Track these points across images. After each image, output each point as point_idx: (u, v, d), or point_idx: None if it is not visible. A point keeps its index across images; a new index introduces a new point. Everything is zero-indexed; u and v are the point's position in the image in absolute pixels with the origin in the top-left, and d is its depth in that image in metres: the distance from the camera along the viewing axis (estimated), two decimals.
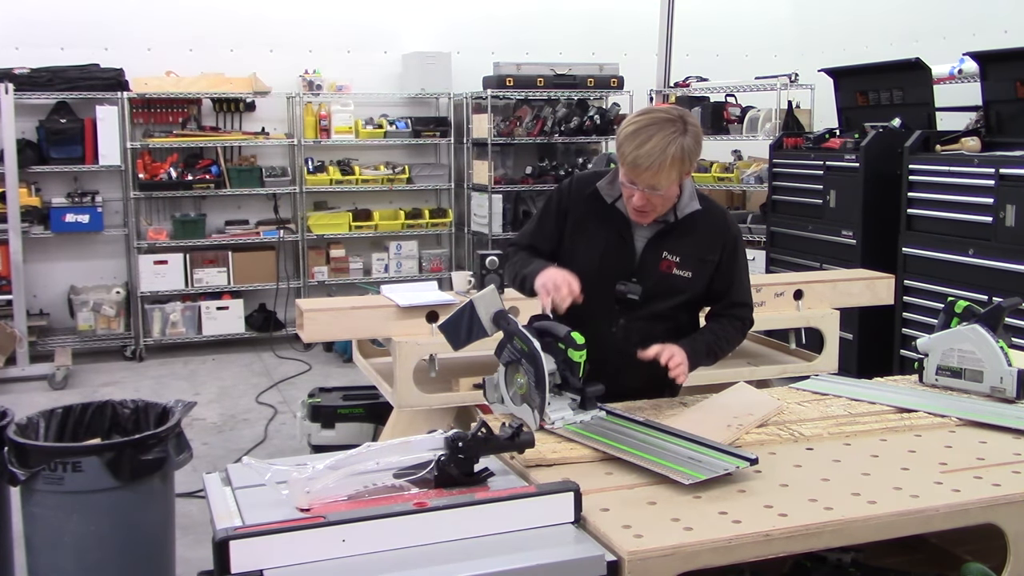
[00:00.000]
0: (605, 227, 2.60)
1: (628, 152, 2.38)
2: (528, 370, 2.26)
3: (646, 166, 2.36)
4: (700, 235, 2.59)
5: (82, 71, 6.99)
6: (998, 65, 5.30)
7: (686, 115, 2.43)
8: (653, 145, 2.35)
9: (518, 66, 7.73)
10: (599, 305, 2.55)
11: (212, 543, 1.55)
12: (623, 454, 2.07)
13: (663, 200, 2.48)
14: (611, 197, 2.60)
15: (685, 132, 2.38)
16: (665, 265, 2.57)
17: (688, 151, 2.38)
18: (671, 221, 2.57)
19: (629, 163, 2.39)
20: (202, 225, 7.39)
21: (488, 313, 2.38)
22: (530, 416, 2.26)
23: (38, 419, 3.12)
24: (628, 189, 2.47)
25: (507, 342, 2.34)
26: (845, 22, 8.03)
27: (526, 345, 2.26)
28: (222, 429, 5.55)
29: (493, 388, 2.41)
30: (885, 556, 2.14)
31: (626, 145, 2.39)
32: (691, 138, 2.39)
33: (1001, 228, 4.77)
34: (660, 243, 2.58)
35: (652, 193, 2.43)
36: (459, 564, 1.59)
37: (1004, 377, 2.53)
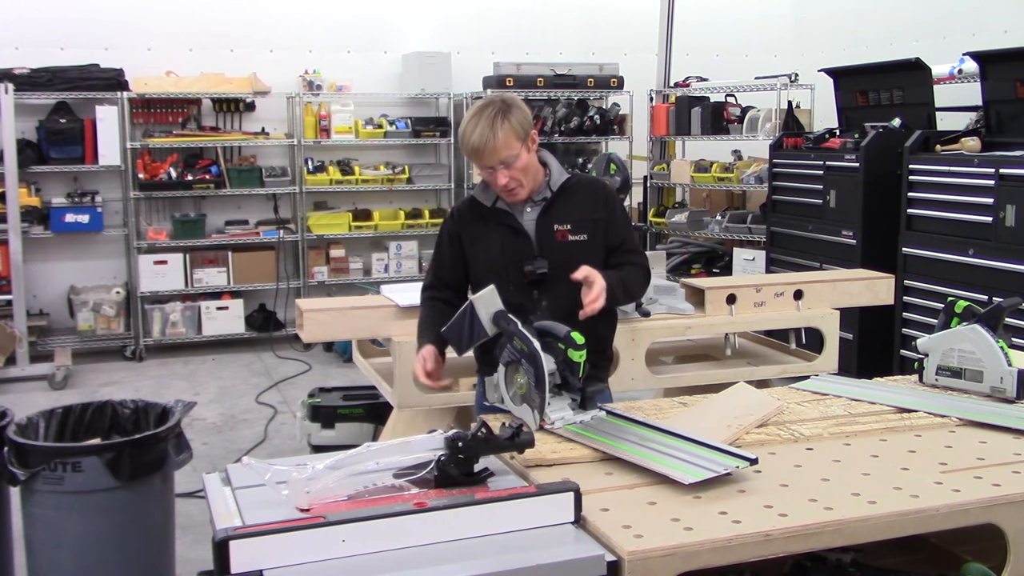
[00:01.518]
0: (494, 226, 2.76)
1: (466, 144, 2.63)
2: (528, 370, 2.26)
3: (483, 144, 2.59)
4: (580, 199, 2.78)
5: (82, 71, 6.99)
6: (998, 65, 5.30)
7: (504, 95, 2.71)
8: (483, 125, 2.59)
9: (518, 66, 7.74)
10: (517, 296, 2.67)
11: (212, 543, 1.55)
12: (623, 454, 2.08)
13: (524, 172, 2.67)
14: (489, 200, 2.79)
15: (506, 107, 2.63)
16: (560, 235, 2.73)
17: (514, 120, 2.62)
18: (548, 196, 2.75)
19: (471, 151, 2.63)
20: (202, 225, 7.40)
21: (488, 313, 2.40)
22: (530, 416, 2.26)
23: (38, 419, 3.12)
24: (490, 176, 2.66)
25: (507, 342, 2.34)
26: (845, 22, 8.03)
27: (526, 345, 2.27)
28: (222, 429, 5.55)
29: (493, 388, 2.42)
30: (885, 556, 2.14)
31: (463, 140, 2.65)
32: (514, 109, 2.65)
33: (1001, 228, 4.77)
34: (547, 218, 2.75)
35: (509, 169, 2.63)
36: (459, 564, 1.58)
37: (1004, 377, 2.53)
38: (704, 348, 4.44)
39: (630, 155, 8.19)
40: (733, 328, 4.17)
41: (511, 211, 2.76)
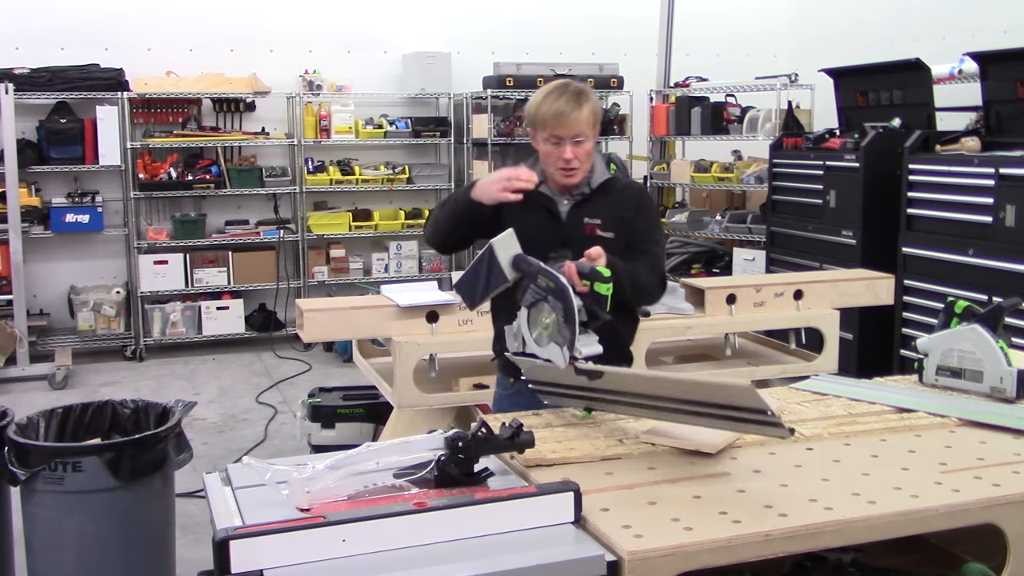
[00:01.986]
0: (533, 209, 2.74)
1: (549, 107, 2.64)
2: (556, 306, 2.21)
3: (568, 112, 2.62)
4: (614, 199, 2.81)
5: (82, 71, 6.99)
6: (998, 65, 5.30)
7: (576, 82, 2.76)
8: (569, 96, 2.65)
9: (518, 66, 7.74)
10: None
11: (212, 543, 1.55)
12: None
13: (586, 155, 2.71)
14: (535, 183, 2.76)
15: (587, 90, 2.70)
16: (589, 228, 2.75)
17: (594, 104, 2.69)
18: (586, 192, 2.78)
19: (552, 115, 2.64)
20: (202, 225, 7.40)
21: (507, 256, 2.35)
22: (559, 354, 2.21)
23: (38, 419, 3.12)
24: (556, 151, 2.68)
25: (530, 283, 2.29)
26: (845, 22, 8.03)
27: (552, 281, 2.22)
28: (222, 429, 5.55)
29: (514, 336, 2.35)
30: (885, 556, 2.14)
31: (544, 104, 2.66)
32: (593, 96, 2.71)
33: (1001, 228, 4.77)
34: (580, 210, 2.78)
35: (577, 146, 2.66)
36: (459, 564, 1.58)
37: (1004, 377, 2.53)
38: (704, 348, 4.44)
39: (630, 155, 8.19)
40: (733, 328, 4.17)
41: (552, 197, 2.78)
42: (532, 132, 2.75)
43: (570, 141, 2.65)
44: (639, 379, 2.16)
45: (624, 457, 2.11)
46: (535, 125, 2.71)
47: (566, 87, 2.68)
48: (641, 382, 2.16)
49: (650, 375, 2.14)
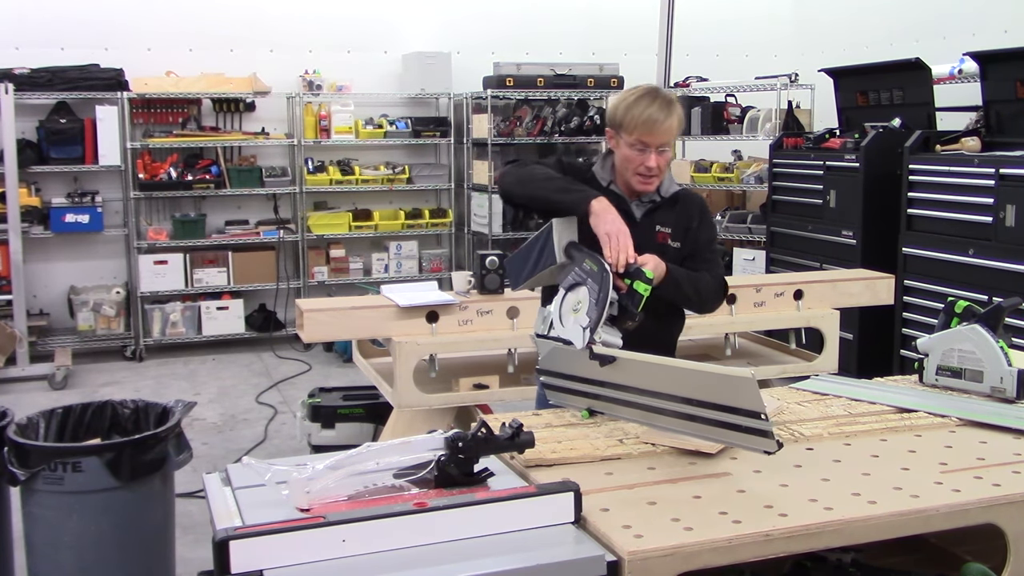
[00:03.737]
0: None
1: (640, 113, 2.58)
2: (592, 288, 2.23)
3: (661, 120, 2.57)
4: (682, 209, 2.80)
5: (82, 71, 6.99)
6: (998, 65, 5.30)
7: (665, 89, 2.75)
8: (660, 105, 2.60)
9: (518, 66, 7.73)
10: None
11: (212, 543, 1.55)
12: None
13: (666, 164, 2.68)
14: (605, 180, 2.76)
15: (675, 100, 2.66)
16: (661, 237, 2.75)
17: (681, 114, 2.66)
18: (657, 200, 2.76)
19: (644, 121, 2.57)
20: (202, 225, 7.40)
21: (563, 240, 2.38)
22: (579, 335, 2.21)
23: (38, 419, 3.12)
24: (639, 156, 2.62)
25: (575, 267, 2.31)
26: (845, 22, 8.03)
27: (596, 265, 2.25)
28: (222, 429, 5.55)
29: (543, 318, 2.36)
30: (885, 556, 2.14)
31: (635, 108, 2.59)
32: (678, 104, 2.67)
33: (1001, 228, 4.77)
34: (652, 218, 2.76)
35: (661, 154, 2.63)
36: (459, 564, 1.58)
37: (1004, 377, 2.53)
38: (704, 348, 4.44)
39: None
40: (733, 328, 4.18)
41: (625, 198, 2.73)
42: (613, 133, 2.67)
43: (655, 149, 2.61)
44: (647, 366, 2.16)
45: (624, 457, 2.11)
46: (621, 127, 2.63)
47: (657, 93, 2.63)
48: (648, 370, 2.16)
49: (657, 361, 2.13)
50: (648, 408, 2.18)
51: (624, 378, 2.22)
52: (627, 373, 2.21)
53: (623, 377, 2.22)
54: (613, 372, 2.22)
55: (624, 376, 2.21)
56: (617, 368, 2.20)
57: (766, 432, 1.95)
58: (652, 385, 2.15)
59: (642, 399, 2.19)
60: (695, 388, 2.05)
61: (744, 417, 1.96)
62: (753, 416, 1.94)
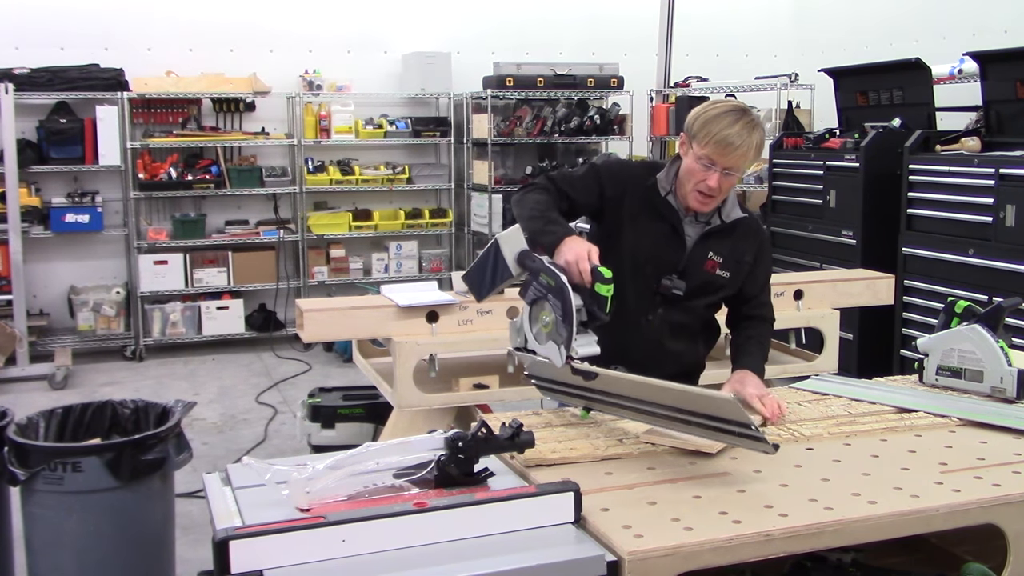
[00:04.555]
0: (659, 219, 2.62)
1: (718, 130, 2.43)
2: (555, 305, 2.19)
3: (737, 144, 2.43)
4: (738, 238, 2.67)
5: (82, 71, 6.99)
6: (998, 65, 5.30)
7: (753, 111, 2.55)
8: (742, 127, 2.43)
9: (518, 66, 7.73)
10: (638, 294, 2.61)
11: (212, 543, 1.55)
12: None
13: (729, 186, 2.54)
14: (665, 190, 2.64)
15: (759, 123, 2.50)
16: (710, 265, 2.64)
17: (762, 137, 2.50)
18: (717, 224, 2.64)
19: (718, 141, 2.43)
20: (202, 225, 7.40)
21: (513, 252, 2.32)
22: (556, 353, 2.19)
23: (38, 419, 3.12)
24: (702, 172, 2.49)
25: (532, 280, 2.27)
26: (845, 22, 8.03)
27: (553, 280, 2.20)
28: (222, 429, 5.55)
29: (516, 331, 2.33)
30: (885, 556, 2.14)
31: (715, 124, 2.44)
32: (762, 130, 2.50)
33: (1001, 228, 4.77)
34: (707, 243, 2.64)
35: (727, 176, 2.49)
36: (459, 564, 1.58)
37: (1004, 377, 2.53)
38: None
39: (630, 155, 8.18)
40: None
41: (679, 213, 2.62)
42: (686, 140, 2.54)
43: (722, 170, 2.47)
44: (631, 384, 2.16)
45: (624, 457, 2.11)
46: (695, 138, 2.49)
47: (744, 114, 2.47)
48: (633, 387, 2.16)
49: (641, 381, 2.13)
50: (643, 412, 2.19)
51: (614, 388, 2.22)
52: (615, 385, 2.21)
53: (612, 387, 2.22)
54: (602, 383, 2.22)
55: (613, 387, 2.22)
56: (604, 380, 2.20)
57: (759, 438, 1.96)
58: (642, 396, 2.16)
59: (635, 405, 2.19)
60: (683, 403, 2.06)
61: (735, 426, 1.98)
62: (743, 426, 1.96)
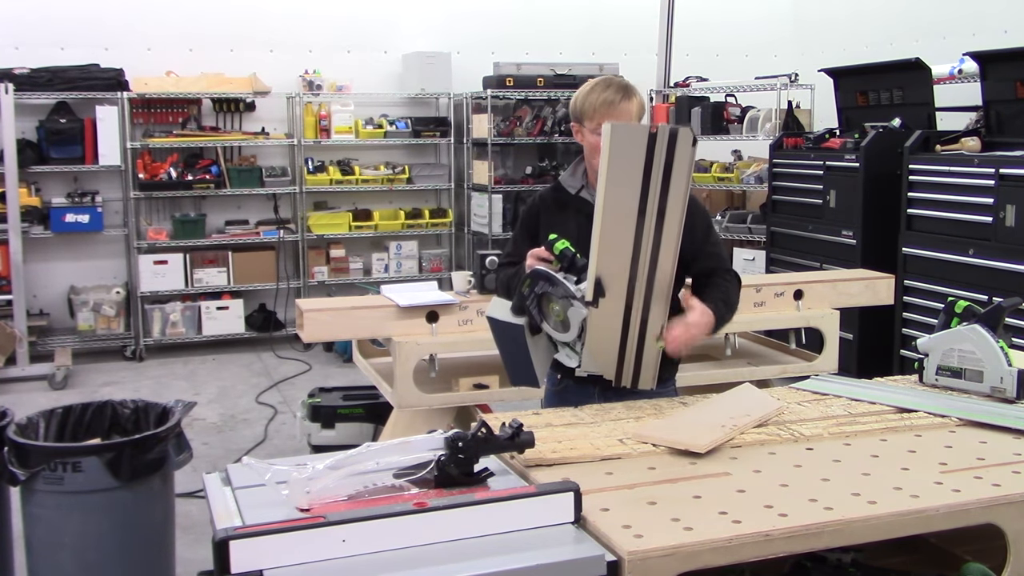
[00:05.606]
0: (572, 213, 2.70)
1: (597, 97, 2.61)
2: (543, 287, 2.38)
3: (618, 101, 2.59)
4: None
5: (82, 71, 6.99)
6: (998, 65, 5.30)
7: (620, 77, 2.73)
8: (616, 87, 2.62)
9: (518, 66, 7.74)
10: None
11: (212, 543, 1.55)
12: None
13: None
14: (574, 188, 2.74)
15: (627, 82, 2.67)
16: None
17: (642, 98, 2.68)
18: None
19: (602, 103, 2.60)
20: (202, 225, 7.40)
21: (505, 314, 2.48)
22: (579, 313, 2.39)
23: (38, 419, 3.12)
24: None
25: (524, 300, 2.43)
26: (845, 22, 8.03)
27: (528, 279, 2.41)
28: (222, 429, 5.55)
29: (546, 346, 2.52)
30: (885, 556, 2.14)
31: (592, 94, 2.63)
32: (634, 89, 2.67)
33: (1001, 228, 4.77)
34: None
35: None
36: (459, 564, 1.58)
37: (1004, 377, 2.53)
38: (704, 348, 4.43)
39: None
40: (733, 328, 4.17)
41: (593, 203, 2.67)
42: (577, 127, 2.68)
43: None
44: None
45: (624, 457, 2.11)
46: (582, 117, 2.65)
47: (612, 80, 2.65)
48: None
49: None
50: None
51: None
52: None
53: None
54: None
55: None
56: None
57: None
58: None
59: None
60: None
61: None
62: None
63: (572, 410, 2.48)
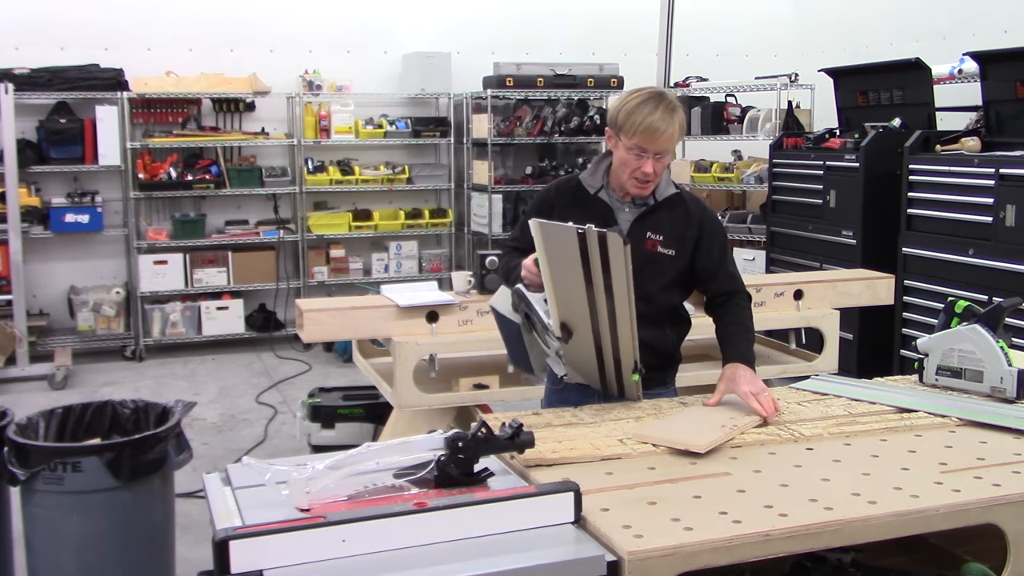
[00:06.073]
0: (590, 215, 2.66)
1: (641, 119, 2.52)
2: (526, 309, 2.49)
3: (663, 130, 2.52)
4: (678, 214, 2.72)
5: (82, 71, 6.99)
6: (998, 65, 5.30)
7: (669, 93, 2.67)
8: (663, 112, 2.53)
9: (518, 66, 7.73)
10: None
11: (212, 543, 1.55)
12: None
13: (663, 169, 2.64)
14: (593, 188, 2.72)
15: (678, 104, 2.61)
16: (650, 244, 2.68)
17: (683, 118, 2.62)
18: (651, 204, 2.69)
19: (644, 129, 2.52)
20: (202, 225, 7.40)
21: (506, 306, 2.52)
22: (553, 342, 2.48)
23: (38, 419, 3.12)
24: (636, 161, 2.58)
25: (518, 308, 2.51)
26: (845, 22, 8.03)
27: (519, 296, 2.50)
28: (222, 429, 5.55)
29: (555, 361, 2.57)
30: (885, 556, 2.14)
31: (637, 114, 2.54)
32: (681, 110, 2.62)
33: (1001, 228, 4.77)
34: (643, 224, 2.69)
35: (659, 160, 2.58)
36: (459, 564, 1.58)
37: (1004, 377, 2.53)
38: (704, 348, 4.43)
39: None
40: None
41: (611, 205, 2.71)
42: (613, 134, 2.63)
43: (653, 155, 2.56)
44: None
45: (624, 457, 2.11)
46: (621, 130, 2.58)
47: (661, 99, 2.56)
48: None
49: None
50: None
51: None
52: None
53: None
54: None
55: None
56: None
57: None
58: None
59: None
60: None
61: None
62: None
63: (572, 410, 2.48)
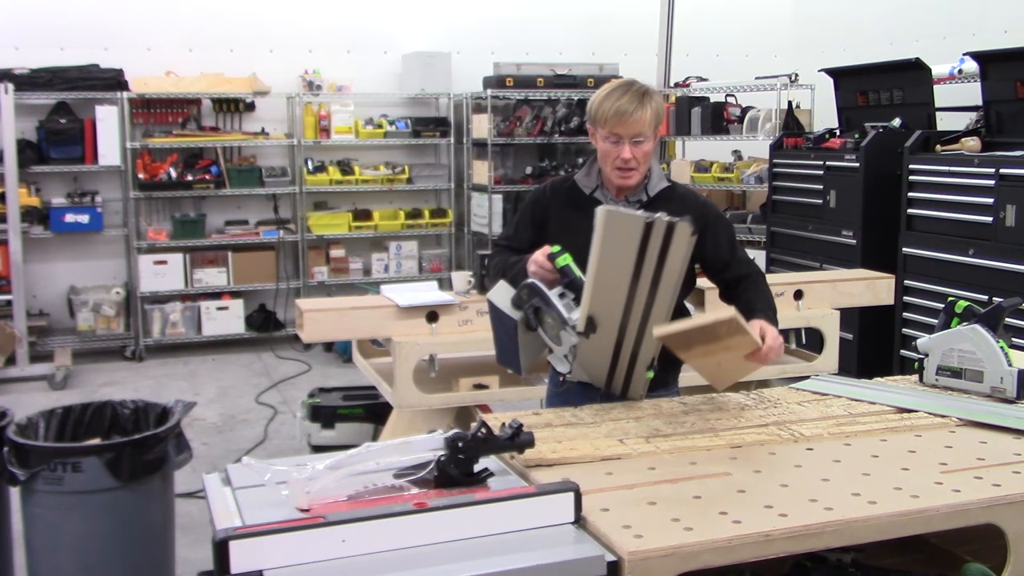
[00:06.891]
0: (587, 215, 2.60)
1: (610, 106, 2.56)
2: (542, 303, 2.39)
3: (631, 111, 2.54)
4: (675, 208, 2.64)
5: (82, 71, 6.99)
6: (998, 65, 5.30)
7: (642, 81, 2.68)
8: (632, 95, 2.57)
9: (518, 66, 7.74)
10: None
11: (212, 543, 1.55)
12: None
13: (644, 156, 2.63)
14: (588, 188, 2.72)
15: (651, 90, 2.62)
16: None
17: (657, 104, 2.60)
18: (644, 200, 2.69)
19: (614, 113, 2.55)
20: (202, 225, 7.40)
21: (506, 303, 2.48)
22: (569, 338, 2.39)
23: (38, 419, 3.12)
24: (614, 149, 2.59)
25: (522, 303, 2.44)
26: (845, 22, 8.03)
27: (528, 288, 2.42)
28: (222, 429, 5.55)
29: (537, 342, 2.52)
30: (885, 556, 2.13)
31: (607, 102, 2.57)
32: (657, 95, 2.62)
33: (1001, 228, 4.77)
34: None
35: (637, 145, 2.58)
36: (459, 564, 1.58)
37: (1004, 377, 2.53)
38: None
39: None
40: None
41: (605, 203, 2.68)
42: (592, 129, 2.66)
43: (629, 141, 2.56)
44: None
45: (624, 457, 2.11)
46: (595, 122, 2.61)
47: (630, 85, 2.59)
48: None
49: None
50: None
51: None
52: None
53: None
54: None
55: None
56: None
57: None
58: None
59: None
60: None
61: None
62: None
63: (572, 410, 2.48)
